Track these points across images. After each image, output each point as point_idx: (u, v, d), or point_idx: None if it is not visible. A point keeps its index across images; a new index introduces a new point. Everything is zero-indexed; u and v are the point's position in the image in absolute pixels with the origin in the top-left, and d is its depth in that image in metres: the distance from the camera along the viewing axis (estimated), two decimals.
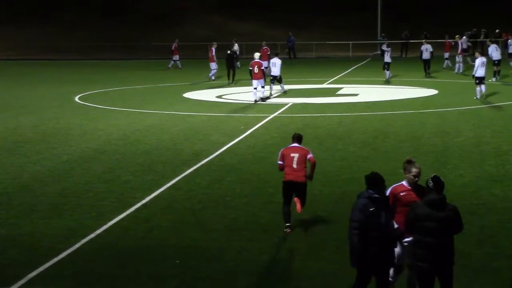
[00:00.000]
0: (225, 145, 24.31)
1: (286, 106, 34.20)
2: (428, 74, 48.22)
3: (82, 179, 19.77)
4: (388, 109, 32.70)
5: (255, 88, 35.96)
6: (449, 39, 52.61)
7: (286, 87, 40.06)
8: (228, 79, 45.09)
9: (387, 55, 45.62)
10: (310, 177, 15.13)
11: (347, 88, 41.83)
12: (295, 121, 29.43)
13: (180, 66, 57.22)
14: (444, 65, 53.59)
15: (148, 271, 12.79)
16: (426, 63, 48.64)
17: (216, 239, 14.51)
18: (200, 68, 54.24)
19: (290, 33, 69.03)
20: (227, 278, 12.46)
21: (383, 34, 72.42)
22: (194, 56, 68.67)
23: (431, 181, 10.23)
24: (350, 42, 72.41)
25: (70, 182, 19.52)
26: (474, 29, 65.67)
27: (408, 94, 38.89)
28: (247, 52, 63.99)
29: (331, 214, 16.17)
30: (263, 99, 36.54)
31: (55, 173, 20.67)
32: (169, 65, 57.92)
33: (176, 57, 57.49)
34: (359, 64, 60.47)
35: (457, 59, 49.94)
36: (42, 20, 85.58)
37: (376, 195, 10.37)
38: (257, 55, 38.04)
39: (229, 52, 45.75)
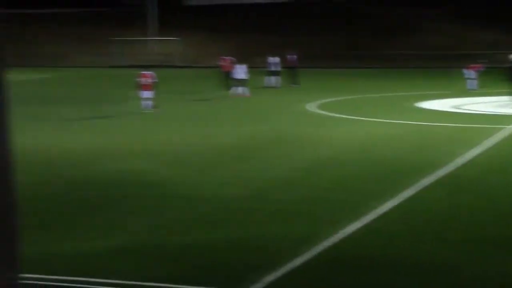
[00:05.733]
0: (461, 156, 23.55)
1: None
2: None
3: (315, 187, 19.74)
4: None
5: None
6: None
7: None
8: None
9: None
10: None
11: None
12: None
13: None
14: None
15: (383, 283, 12.46)
16: None
17: (453, 253, 13.97)
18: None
19: None
20: None
21: None
22: (428, 66, 67.43)
23: None
24: None
25: (303, 189, 19.51)
26: None
27: None
28: (491, 62, 61.81)
29: None
30: None
31: (288, 180, 20.76)
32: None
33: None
34: None
35: None
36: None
37: None
38: None
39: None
